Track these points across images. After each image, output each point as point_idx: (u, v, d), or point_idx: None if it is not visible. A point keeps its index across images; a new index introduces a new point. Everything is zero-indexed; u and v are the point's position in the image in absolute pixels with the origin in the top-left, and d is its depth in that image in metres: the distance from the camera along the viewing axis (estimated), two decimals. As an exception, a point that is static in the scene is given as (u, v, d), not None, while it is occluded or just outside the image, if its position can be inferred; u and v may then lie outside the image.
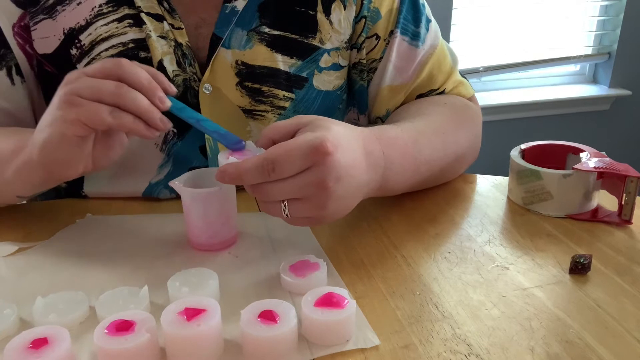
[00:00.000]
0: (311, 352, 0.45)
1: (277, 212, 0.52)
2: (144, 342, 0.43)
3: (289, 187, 0.50)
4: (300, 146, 0.49)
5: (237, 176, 0.51)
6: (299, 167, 0.49)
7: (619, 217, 0.64)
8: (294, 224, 0.54)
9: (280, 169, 0.49)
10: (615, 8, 2.27)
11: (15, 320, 0.48)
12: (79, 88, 0.54)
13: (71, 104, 0.54)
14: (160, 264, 0.58)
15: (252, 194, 0.52)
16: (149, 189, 0.73)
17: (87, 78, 0.55)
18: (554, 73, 2.40)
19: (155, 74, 0.57)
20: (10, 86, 0.69)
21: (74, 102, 0.54)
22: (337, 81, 0.76)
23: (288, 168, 0.49)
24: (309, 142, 0.49)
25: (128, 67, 0.55)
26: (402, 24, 0.75)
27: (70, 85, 0.55)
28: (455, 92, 0.80)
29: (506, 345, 0.46)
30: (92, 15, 0.67)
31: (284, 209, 0.51)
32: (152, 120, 0.55)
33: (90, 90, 0.54)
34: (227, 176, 0.51)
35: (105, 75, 0.54)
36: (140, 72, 0.55)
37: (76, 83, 0.55)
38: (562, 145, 0.72)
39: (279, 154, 0.49)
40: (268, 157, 0.49)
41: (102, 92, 0.53)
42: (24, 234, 0.65)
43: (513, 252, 0.59)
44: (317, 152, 0.49)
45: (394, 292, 0.53)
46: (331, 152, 0.49)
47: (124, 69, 0.54)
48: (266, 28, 0.70)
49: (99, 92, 0.53)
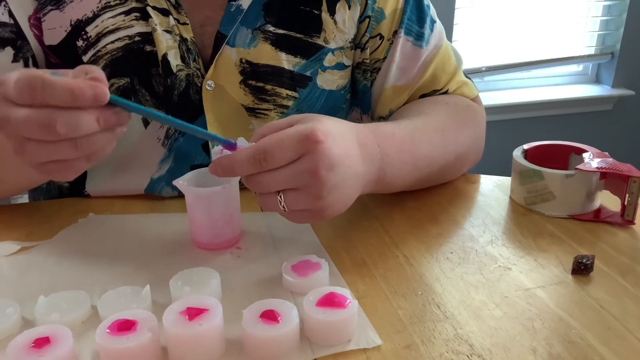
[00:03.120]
0: (313, 352, 0.45)
1: (273, 204, 0.52)
2: (145, 341, 0.43)
3: (282, 177, 0.50)
4: (291, 136, 0.50)
5: (230, 168, 0.51)
6: (290, 156, 0.50)
7: (622, 217, 0.64)
8: (294, 220, 0.54)
9: (271, 158, 0.49)
10: (618, 8, 2.27)
11: (17, 320, 0.48)
12: (35, 156, 0.49)
13: (46, 173, 0.50)
14: (162, 264, 0.58)
15: (248, 186, 0.52)
16: (150, 186, 0.73)
17: (26, 128, 0.47)
18: (556, 73, 2.40)
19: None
20: None
21: (47, 170, 0.50)
22: (340, 81, 0.76)
23: (279, 157, 0.49)
24: (299, 131, 0.50)
25: (48, 96, 0.46)
26: (406, 24, 0.75)
27: (17, 143, 0.48)
28: (458, 93, 0.79)
29: (508, 346, 0.46)
30: (100, 8, 0.67)
31: (280, 201, 0.51)
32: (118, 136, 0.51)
33: (49, 156, 0.49)
34: (220, 168, 0.51)
35: (30, 101, 0.47)
36: (62, 95, 0.46)
37: (24, 144, 0.48)
38: (565, 146, 0.71)
39: (270, 144, 0.49)
40: (259, 147, 0.50)
41: (64, 154, 0.48)
42: (26, 233, 0.65)
43: (515, 252, 0.59)
44: (307, 140, 0.49)
45: (396, 292, 0.53)
46: (322, 140, 0.50)
47: (44, 99, 0.46)
48: (271, 27, 0.70)
49: (60, 155, 0.49)
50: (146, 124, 0.70)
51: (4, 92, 0.48)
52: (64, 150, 0.48)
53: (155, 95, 0.69)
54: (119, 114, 0.50)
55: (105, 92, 0.47)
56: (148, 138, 0.71)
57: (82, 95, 0.46)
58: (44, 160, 0.50)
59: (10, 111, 0.47)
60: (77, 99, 0.46)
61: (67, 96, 0.46)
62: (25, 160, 0.50)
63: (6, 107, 0.48)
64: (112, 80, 0.68)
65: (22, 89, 0.46)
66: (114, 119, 0.49)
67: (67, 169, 0.51)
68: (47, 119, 0.46)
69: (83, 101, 0.47)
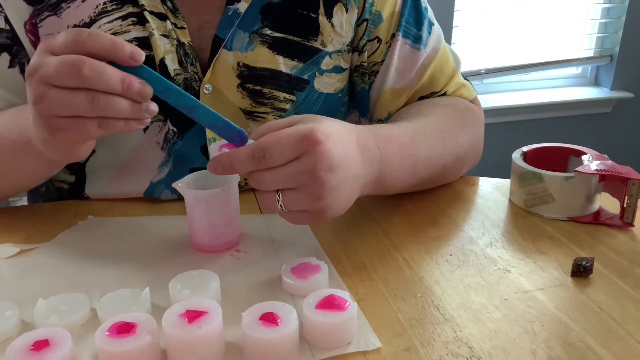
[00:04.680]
0: (312, 354, 0.45)
1: (272, 203, 0.52)
2: (145, 344, 0.43)
3: (281, 175, 0.50)
4: (291, 135, 0.50)
5: (229, 165, 0.51)
6: (289, 154, 0.50)
7: (621, 219, 0.64)
8: (292, 220, 0.54)
9: (270, 155, 0.50)
10: (617, 10, 2.28)
11: (16, 322, 0.48)
12: (51, 106, 0.50)
13: (54, 129, 0.52)
14: (161, 266, 0.58)
15: (250, 182, 0.52)
16: (150, 189, 0.73)
17: (53, 71, 0.49)
18: (555, 75, 2.41)
19: (115, 44, 0.50)
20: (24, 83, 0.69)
21: (56, 125, 0.52)
22: (338, 84, 0.76)
23: (278, 155, 0.50)
24: (299, 131, 0.50)
25: (90, 42, 0.49)
26: (404, 27, 0.75)
27: (39, 91, 0.50)
28: (457, 95, 0.80)
29: (508, 348, 0.46)
30: (96, 13, 0.67)
31: (278, 199, 0.52)
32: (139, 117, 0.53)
33: (65, 108, 0.50)
34: (220, 166, 0.52)
35: (71, 51, 0.49)
36: (103, 41, 0.49)
37: (45, 92, 0.50)
38: (564, 148, 0.72)
39: (270, 142, 0.50)
40: (259, 144, 0.50)
41: (79, 108, 0.50)
42: (25, 235, 0.65)
43: (515, 254, 0.59)
44: (307, 140, 0.50)
45: (396, 295, 0.53)
46: (321, 140, 0.50)
47: (86, 46, 0.49)
48: (268, 30, 0.70)
49: (75, 109, 0.50)
50: (145, 128, 0.70)
51: (49, 44, 0.51)
52: (81, 104, 0.49)
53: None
54: (143, 85, 0.51)
55: (141, 54, 0.50)
56: (147, 142, 0.71)
57: (121, 46, 0.49)
58: (59, 114, 0.51)
59: (46, 58, 0.50)
60: (116, 47, 0.49)
61: (108, 43, 0.49)
62: (41, 112, 0.51)
63: (44, 56, 0.50)
64: None
65: (68, 37, 0.49)
66: (137, 86, 0.50)
67: (77, 128, 0.51)
68: (75, 60, 0.48)
69: (122, 51, 0.49)
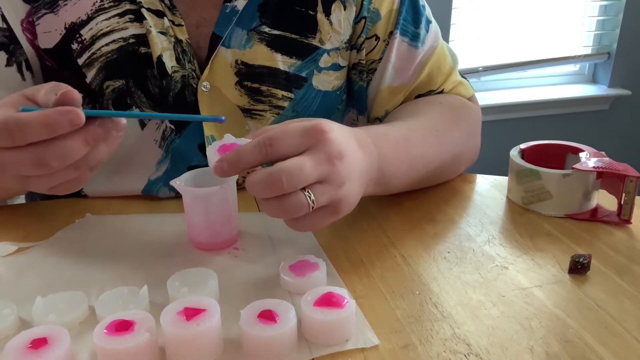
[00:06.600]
0: (311, 351, 0.45)
1: (302, 202, 0.50)
2: (143, 342, 0.43)
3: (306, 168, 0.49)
4: (296, 126, 0.51)
5: (236, 159, 0.50)
6: (296, 144, 0.50)
7: (619, 216, 0.64)
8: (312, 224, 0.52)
9: (277, 144, 0.49)
10: (615, 8, 2.28)
11: (14, 320, 0.48)
12: (15, 174, 0.50)
13: (32, 186, 0.52)
14: (159, 264, 0.58)
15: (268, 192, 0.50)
16: (148, 187, 0.73)
17: (7, 159, 0.49)
18: (553, 73, 2.41)
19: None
20: (21, 82, 0.69)
21: (32, 183, 0.51)
22: (336, 81, 0.76)
23: (285, 144, 0.50)
24: (304, 124, 0.51)
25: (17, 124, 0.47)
26: (402, 25, 0.75)
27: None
28: (454, 92, 0.80)
29: (506, 345, 0.46)
30: (94, 10, 0.67)
31: (309, 195, 0.50)
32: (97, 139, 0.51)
33: (25, 171, 0.50)
34: (227, 163, 0.50)
35: (8, 142, 0.48)
36: (31, 120, 0.47)
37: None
38: (562, 145, 0.72)
39: (276, 132, 0.50)
40: (265, 135, 0.50)
41: (35, 170, 0.49)
42: (23, 233, 0.65)
43: (512, 251, 0.59)
44: (314, 130, 0.50)
45: (394, 292, 0.53)
46: (327, 130, 0.50)
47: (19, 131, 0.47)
48: (266, 28, 0.70)
49: (34, 171, 0.49)
50: (143, 125, 0.70)
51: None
52: (66, 175, 0.51)
53: (151, 97, 0.69)
54: (104, 125, 0.51)
55: (78, 115, 0.48)
56: (145, 140, 0.71)
57: (57, 125, 0.47)
58: (51, 186, 0.52)
59: (1, 157, 0.49)
60: (54, 130, 0.47)
61: (44, 131, 0.47)
62: (34, 190, 0.53)
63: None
64: (108, 83, 0.68)
65: (1, 134, 0.48)
66: (100, 132, 0.50)
67: (74, 185, 0.53)
68: (37, 157, 0.48)
69: (60, 130, 0.47)
